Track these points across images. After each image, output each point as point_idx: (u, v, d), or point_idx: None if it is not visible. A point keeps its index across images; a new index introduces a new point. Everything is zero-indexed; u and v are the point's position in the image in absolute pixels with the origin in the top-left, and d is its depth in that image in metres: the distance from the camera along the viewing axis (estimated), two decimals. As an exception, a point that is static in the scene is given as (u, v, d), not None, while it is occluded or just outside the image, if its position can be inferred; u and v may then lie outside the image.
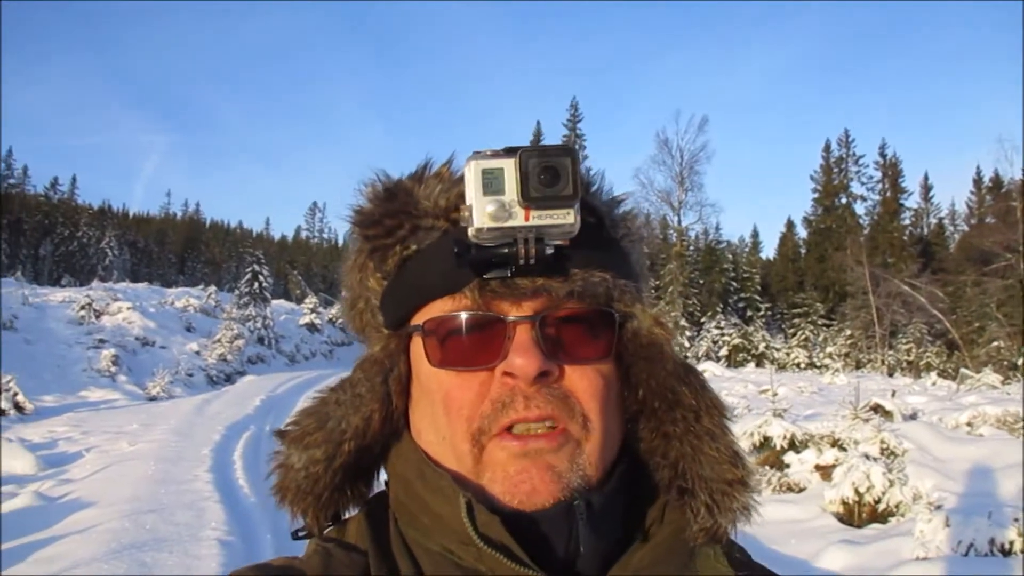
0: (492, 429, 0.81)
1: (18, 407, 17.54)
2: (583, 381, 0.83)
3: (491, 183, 0.78)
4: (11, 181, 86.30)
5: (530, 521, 0.80)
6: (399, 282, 0.88)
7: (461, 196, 0.82)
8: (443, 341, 0.84)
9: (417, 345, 0.87)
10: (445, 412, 0.84)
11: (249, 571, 0.84)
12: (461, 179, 0.83)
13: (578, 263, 0.82)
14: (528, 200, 0.77)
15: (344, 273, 0.97)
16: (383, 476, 0.95)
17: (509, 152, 0.79)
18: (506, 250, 0.78)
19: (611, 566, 0.83)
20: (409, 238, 0.86)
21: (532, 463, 0.80)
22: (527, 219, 0.78)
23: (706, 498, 0.85)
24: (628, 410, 0.90)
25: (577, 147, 0.82)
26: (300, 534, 0.93)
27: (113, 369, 24.85)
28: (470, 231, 0.79)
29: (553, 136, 64.43)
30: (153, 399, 22.66)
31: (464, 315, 0.83)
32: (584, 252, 0.83)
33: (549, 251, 0.79)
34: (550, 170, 0.78)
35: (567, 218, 0.79)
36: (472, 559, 0.80)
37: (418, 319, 0.86)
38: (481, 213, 0.78)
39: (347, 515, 0.95)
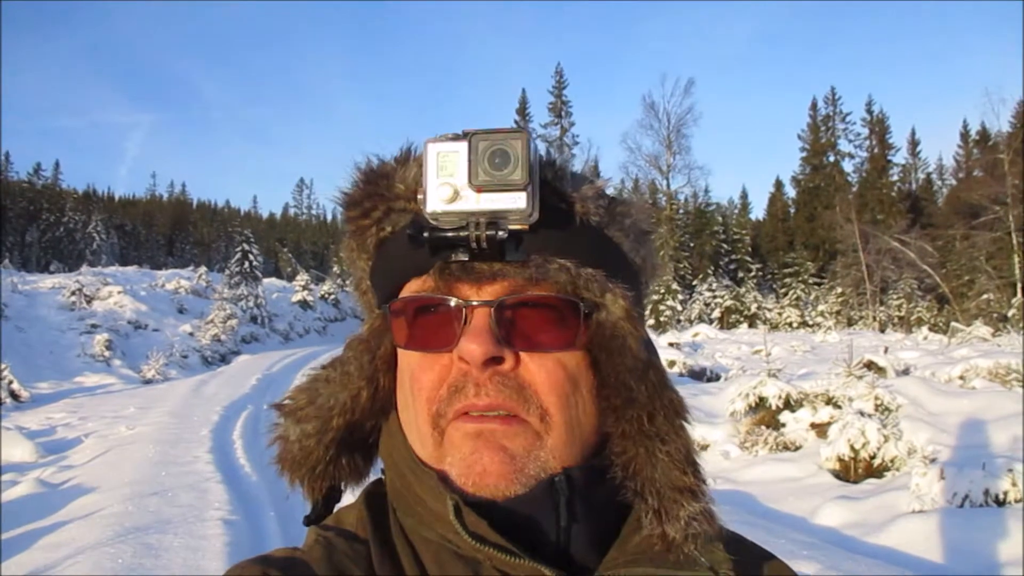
0: (447, 414, 0.81)
1: (14, 395, 17.52)
2: (541, 372, 0.81)
3: (445, 166, 0.78)
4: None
5: (516, 506, 0.80)
6: (379, 263, 0.89)
7: None
8: (408, 322, 0.85)
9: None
10: (411, 392, 0.85)
11: (251, 563, 0.84)
12: None
13: (537, 249, 0.80)
14: (475, 184, 0.77)
15: (343, 254, 0.98)
16: (380, 461, 0.96)
17: (465, 135, 0.79)
18: (458, 233, 0.78)
19: (608, 550, 0.83)
20: (384, 220, 0.87)
21: (484, 443, 0.80)
22: (478, 203, 0.78)
23: (654, 503, 0.82)
24: (600, 404, 0.86)
25: (529, 126, 0.80)
26: (309, 520, 0.94)
27: (107, 353, 24.82)
28: (426, 213, 0.79)
29: (539, 103, 64.05)
30: (149, 382, 22.68)
31: (423, 297, 0.83)
32: (547, 238, 0.81)
33: (502, 235, 0.77)
34: (500, 153, 0.77)
35: (518, 203, 0.77)
36: (470, 549, 0.80)
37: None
38: (435, 196, 0.78)
39: (345, 487, 0.97)
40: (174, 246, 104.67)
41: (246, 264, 39.70)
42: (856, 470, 8.59)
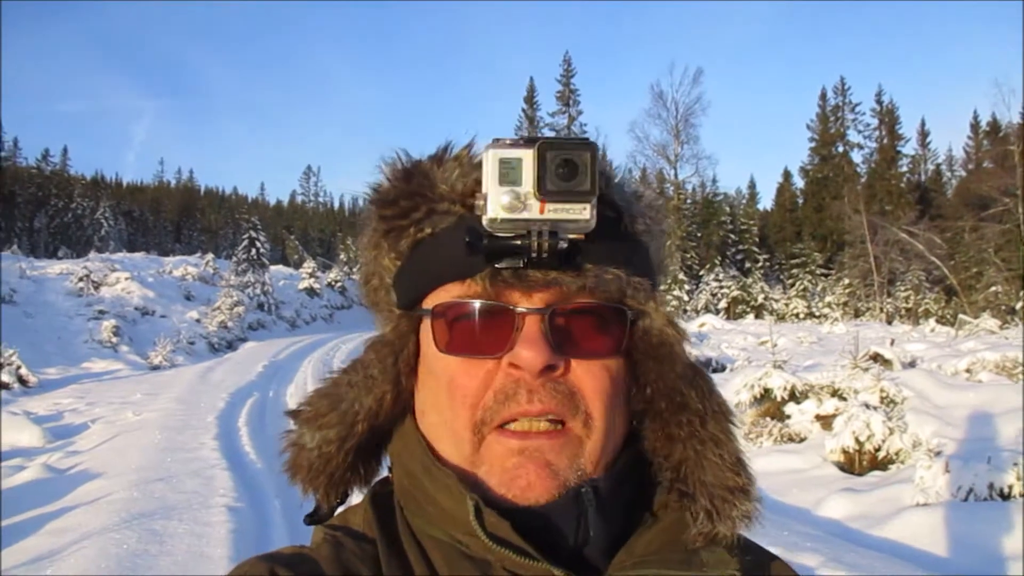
0: (493, 420, 0.81)
1: (22, 380, 17.61)
2: (588, 377, 0.82)
3: (508, 173, 0.77)
4: (2, 154, 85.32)
5: (540, 511, 0.80)
6: (412, 264, 0.88)
7: (479, 182, 0.81)
8: (451, 326, 0.83)
9: (427, 327, 0.87)
10: (449, 397, 0.83)
11: (259, 560, 0.84)
12: (480, 164, 0.82)
13: (593, 258, 0.81)
14: (544, 193, 0.76)
15: (360, 248, 0.97)
16: (387, 461, 0.96)
17: (528, 142, 0.78)
18: (519, 241, 0.77)
19: (616, 552, 0.83)
20: (424, 221, 0.85)
21: (529, 459, 0.80)
22: (542, 212, 0.77)
23: (706, 503, 0.84)
24: (634, 408, 0.89)
25: (592, 137, 0.80)
26: (311, 519, 0.93)
27: (114, 339, 24.90)
28: (484, 220, 0.78)
29: (547, 91, 63.88)
30: (156, 368, 22.76)
31: (474, 303, 0.82)
32: (600, 247, 0.81)
33: (563, 245, 0.77)
34: (569, 163, 0.76)
35: (583, 213, 0.77)
36: (480, 549, 0.80)
37: (429, 302, 0.86)
38: (496, 203, 0.77)
39: (354, 494, 0.96)
40: (181, 233, 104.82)
41: (253, 251, 39.75)
42: (861, 462, 8.59)
